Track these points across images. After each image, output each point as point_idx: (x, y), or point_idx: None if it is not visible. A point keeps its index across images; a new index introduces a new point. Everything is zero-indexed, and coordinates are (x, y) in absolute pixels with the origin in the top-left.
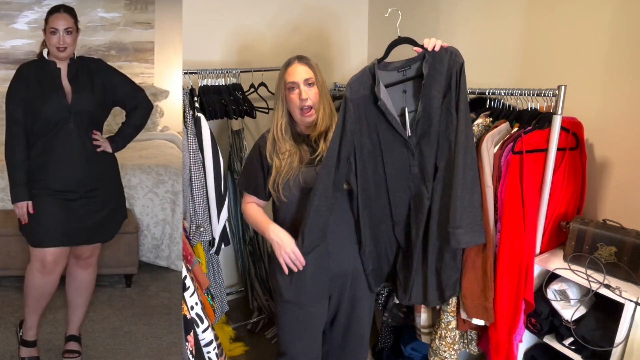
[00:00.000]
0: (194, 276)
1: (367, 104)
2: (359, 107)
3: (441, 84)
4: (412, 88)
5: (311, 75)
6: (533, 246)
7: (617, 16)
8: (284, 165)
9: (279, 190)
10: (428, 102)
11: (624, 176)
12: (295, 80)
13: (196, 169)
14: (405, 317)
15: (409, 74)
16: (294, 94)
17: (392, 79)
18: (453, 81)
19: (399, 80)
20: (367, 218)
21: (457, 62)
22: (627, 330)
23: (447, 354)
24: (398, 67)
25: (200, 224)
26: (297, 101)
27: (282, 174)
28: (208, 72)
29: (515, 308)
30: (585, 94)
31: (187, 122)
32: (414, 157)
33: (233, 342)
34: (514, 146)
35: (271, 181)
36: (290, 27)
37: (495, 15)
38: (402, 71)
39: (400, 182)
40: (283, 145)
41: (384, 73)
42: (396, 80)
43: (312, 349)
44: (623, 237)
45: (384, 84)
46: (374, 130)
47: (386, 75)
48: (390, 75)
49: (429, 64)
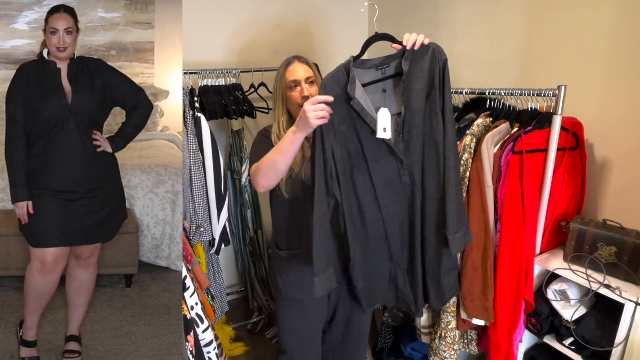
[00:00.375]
0: (194, 276)
1: (342, 105)
2: (335, 108)
3: (423, 82)
4: (392, 87)
5: (311, 74)
6: (533, 246)
7: (617, 16)
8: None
9: (282, 185)
10: (410, 102)
11: (624, 176)
12: (297, 78)
13: (196, 169)
14: (405, 317)
15: (388, 72)
16: (295, 91)
17: (370, 77)
18: (437, 80)
19: (378, 79)
20: (354, 232)
21: (440, 59)
22: (627, 330)
23: (447, 354)
24: (376, 65)
25: (200, 224)
26: (299, 98)
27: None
28: (208, 72)
29: (515, 308)
30: (585, 94)
31: (187, 122)
32: (402, 165)
33: (233, 342)
34: (514, 146)
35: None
36: (290, 27)
37: (495, 15)
38: (381, 69)
39: (391, 194)
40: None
41: (361, 71)
42: (375, 79)
43: (311, 347)
44: (623, 237)
45: (362, 83)
46: (355, 135)
47: (363, 74)
48: (368, 73)
49: (409, 61)
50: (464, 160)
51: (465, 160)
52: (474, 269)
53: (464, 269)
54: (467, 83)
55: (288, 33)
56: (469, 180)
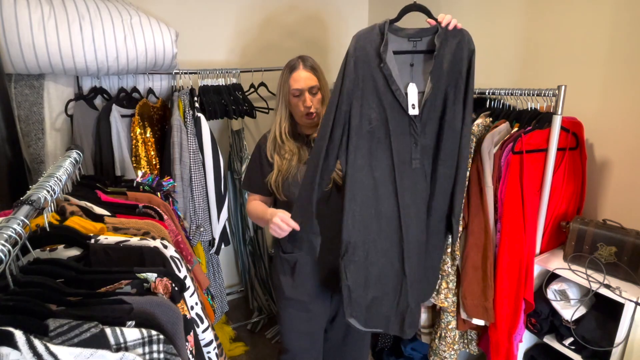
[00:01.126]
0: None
1: (370, 65)
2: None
3: (452, 66)
4: (421, 63)
5: (316, 83)
6: (533, 246)
7: (617, 16)
8: (284, 164)
9: (279, 188)
10: (437, 83)
11: (624, 176)
12: (300, 87)
13: (196, 169)
14: None
15: (419, 47)
16: (299, 100)
17: (401, 46)
18: (464, 68)
19: (408, 50)
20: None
21: (469, 48)
22: (627, 330)
23: (446, 353)
24: (410, 35)
25: (200, 224)
26: (302, 108)
27: (282, 172)
28: (208, 72)
29: (515, 308)
30: (585, 94)
31: (187, 122)
32: (416, 148)
33: (233, 342)
34: (514, 146)
35: (272, 180)
36: (290, 28)
37: (495, 15)
38: (413, 41)
39: (405, 180)
40: (285, 145)
41: (393, 37)
42: (405, 50)
43: (313, 346)
44: (623, 237)
45: (392, 50)
46: (379, 103)
47: (395, 41)
48: (400, 41)
49: (441, 40)
50: None
51: None
52: (474, 269)
53: (464, 269)
54: None
55: (288, 33)
56: (469, 180)
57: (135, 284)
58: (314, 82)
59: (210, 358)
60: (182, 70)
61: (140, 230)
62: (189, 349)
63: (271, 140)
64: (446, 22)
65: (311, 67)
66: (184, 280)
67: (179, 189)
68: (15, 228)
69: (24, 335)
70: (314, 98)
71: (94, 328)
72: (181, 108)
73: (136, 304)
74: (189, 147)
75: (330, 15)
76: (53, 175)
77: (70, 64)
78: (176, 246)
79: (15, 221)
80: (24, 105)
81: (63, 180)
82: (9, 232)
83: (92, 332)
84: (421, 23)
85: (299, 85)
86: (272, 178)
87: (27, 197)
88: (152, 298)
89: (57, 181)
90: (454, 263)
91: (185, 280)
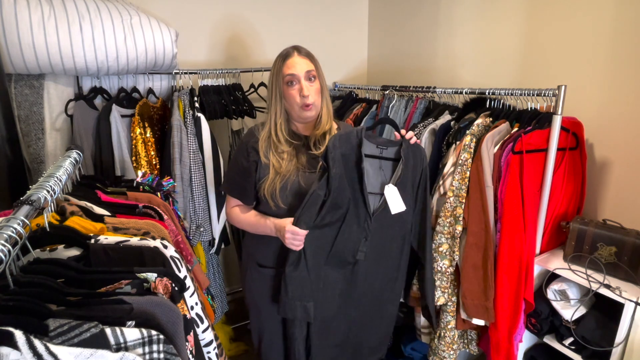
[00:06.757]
0: (194, 276)
1: (349, 162)
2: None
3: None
4: (389, 168)
5: (312, 68)
6: (533, 246)
7: (617, 16)
8: (283, 166)
9: (275, 193)
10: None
11: (624, 176)
12: (295, 72)
13: (196, 169)
14: (405, 317)
15: (385, 154)
16: (294, 89)
17: (370, 150)
18: (422, 179)
19: (376, 156)
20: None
21: (424, 162)
22: (627, 330)
23: (446, 353)
24: (378, 143)
25: (200, 224)
26: (298, 98)
27: (281, 174)
28: (208, 72)
29: (516, 308)
30: (585, 94)
31: (187, 122)
32: (365, 242)
33: (233, 342)
34: (514, 146)
35: (268, 183)
36: (290, 28)
37: (495, 15)
38: (381, 148)
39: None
40: (281, 145)
41: (366, 142)
42: (373, 154)
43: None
44: (623, 237)
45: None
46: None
47: (367, 145)
48: (370, 146)
49: (405, 153)
50: (464, 160)
51: (465, 160)
52: (474, 268)
53: (464, 269)
54: (467, 83)
55: (288, 33)
56: (469, 180)
57: (135, 284)
58: (311, 66)
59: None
60: (182, 70)
61: (140, 230)
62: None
63: (265, 138)
64: (409, 137)
65: (307, 54)
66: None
67: (179, 189)
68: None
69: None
70: (312, 86)
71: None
72: (181, 108)
73: (136, 304)
74: (189, 147)
75: (331, 15)
76: (53, 175)
77: (70, 64)
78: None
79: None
80: (24, 105)
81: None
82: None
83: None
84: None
85: (294, 71)
86: (268, 181)
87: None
88: (152, 298)
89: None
90: (452, 264)
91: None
